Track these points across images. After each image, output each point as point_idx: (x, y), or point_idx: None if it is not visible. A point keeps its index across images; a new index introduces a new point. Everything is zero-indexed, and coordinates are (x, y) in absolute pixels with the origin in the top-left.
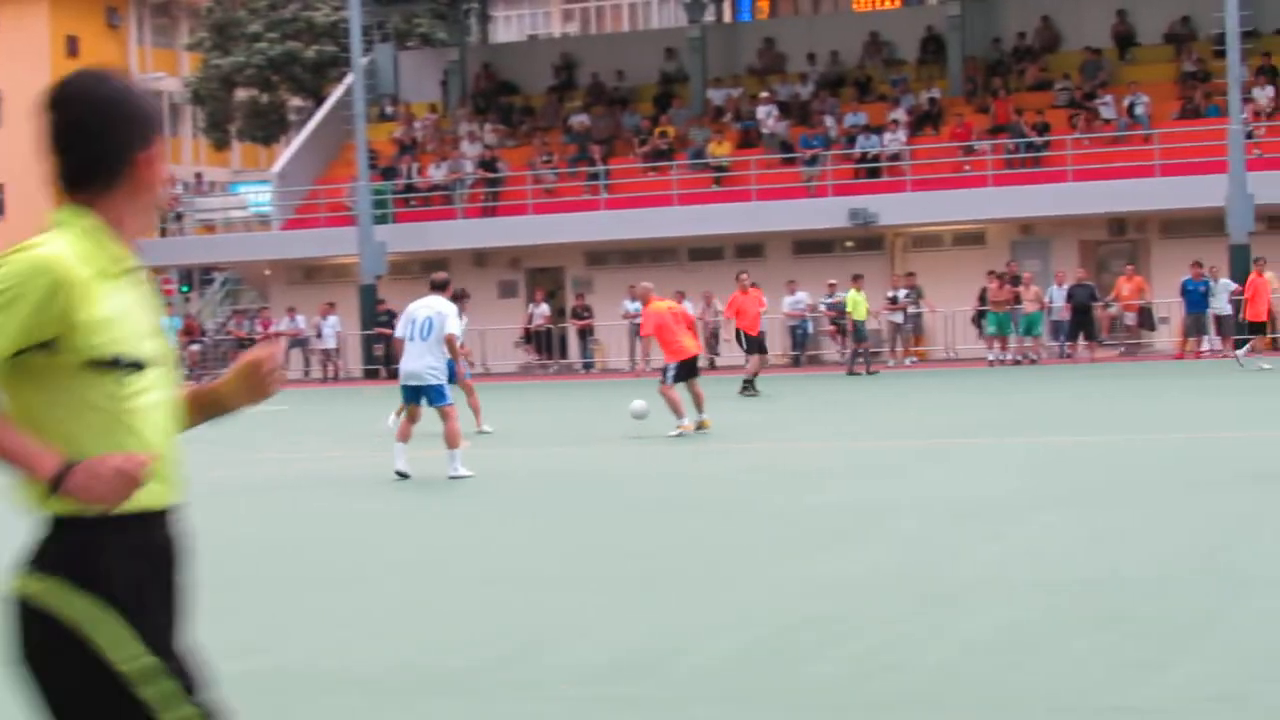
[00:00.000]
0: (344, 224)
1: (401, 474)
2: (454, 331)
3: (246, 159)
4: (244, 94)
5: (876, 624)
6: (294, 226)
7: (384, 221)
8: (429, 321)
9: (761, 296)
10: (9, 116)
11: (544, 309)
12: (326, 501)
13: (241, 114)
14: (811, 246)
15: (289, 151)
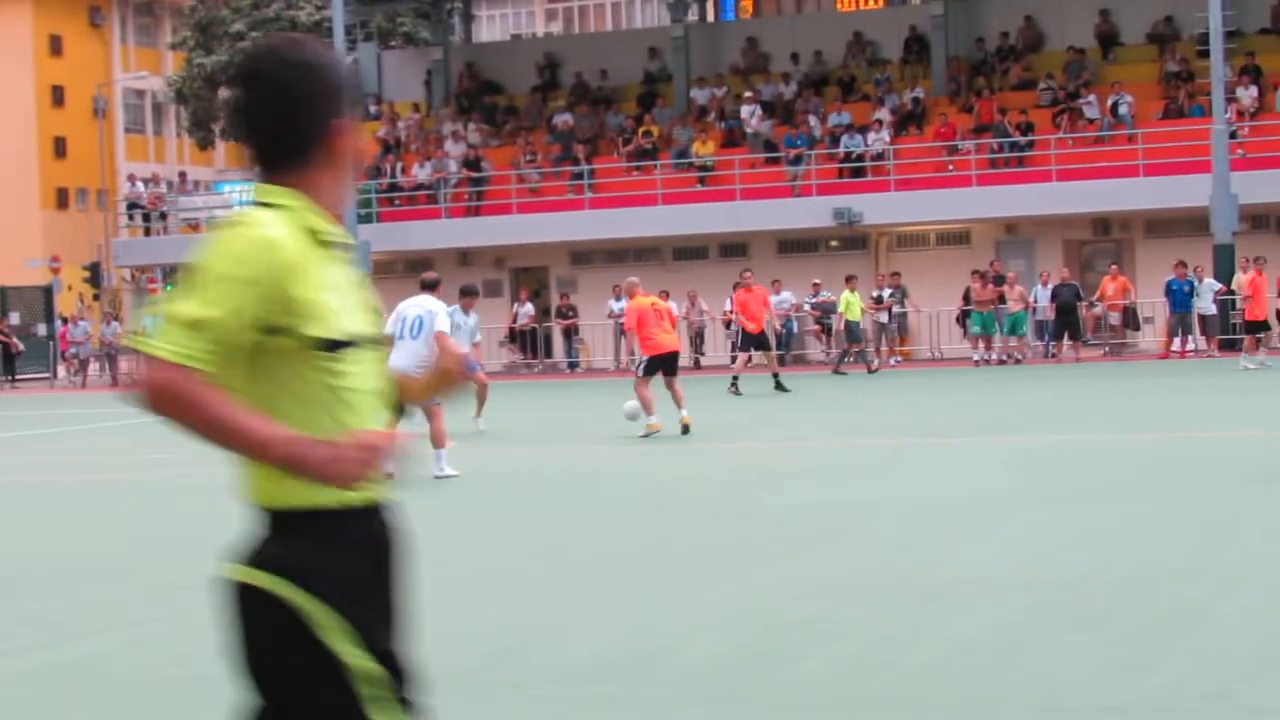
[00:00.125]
0: None
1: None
2: (444, 329)
3: (230, 158)
4: (228, 93)
5: (863, 624)
6: None
7: (368, 221)
8: (419, 320)
9: (766, 295)
10: None
11: (529, 308)
12: None
13: (225, 113)
14: (796, 246)
15: None
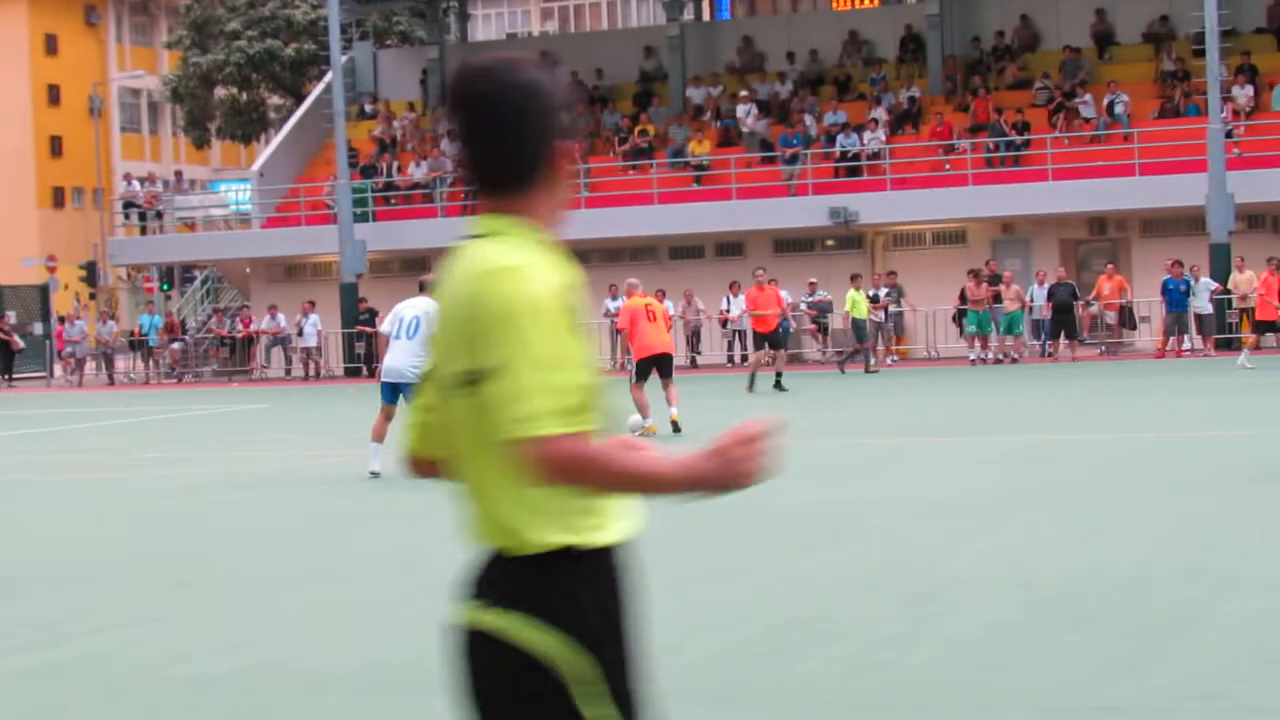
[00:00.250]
0: (324, 222)
1: (375, 474)
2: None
3: (226, 157)
4: (223, 92)
5: (861, 623)
6: (274, 225)
7: (364, 220)
8: (416, 321)
9: (779, 294)
10: None
11: None
12: (305, 499)
13: (221, 112)
14: (792, 245)
15: (269, 150)
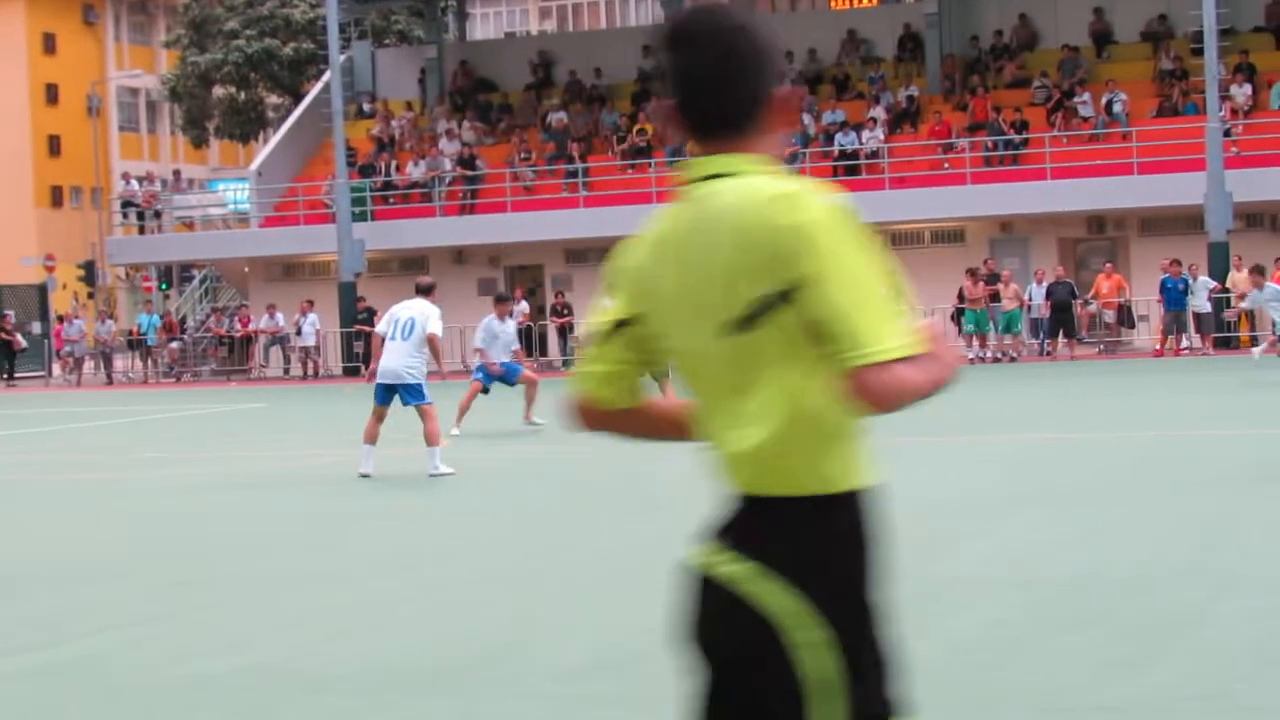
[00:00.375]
0: (322, 221)
1: (365, 475)
2: (435, 331)
3: (225, 156)
4: (222, 91)
5: None
6: (272, 224)
7: (363, 219)
8: (411, 322)
9: None
10: None
11: (523, 306)
12: (305, 499)
13: (219, 111)
14: None
15: (267, 149)
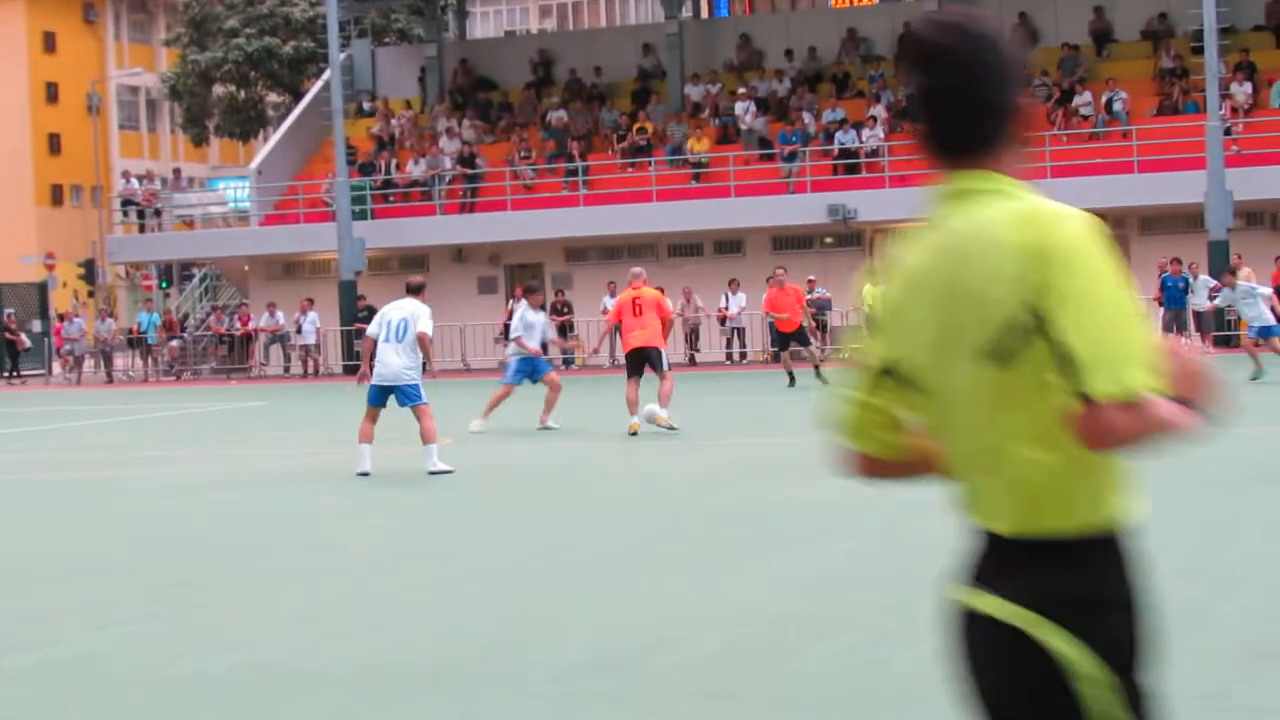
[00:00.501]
0: (323, 220)
1: (364, 474)
2: (425, 330)
3: (225, 155)
4: (222, 90)
5: (858, 620)
6: (273, 222)
7: (363, 217)
8: (404, 323)
9: (801, 293)
10: None
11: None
12: (305, 497)
13: (219, 110)
14: (790, 243)
15: (267, 147)
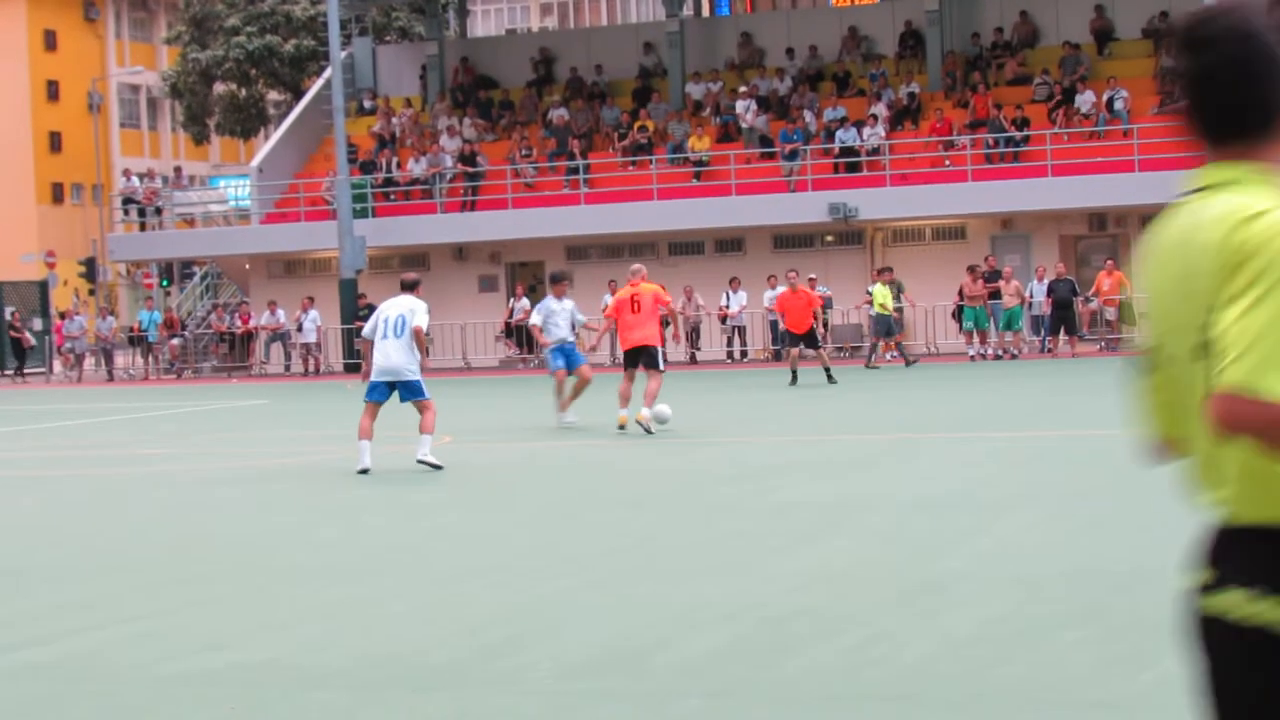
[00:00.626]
0: (323, 218)
1: (365, 471)
2: (422, 325)
3: (226, 153)
4: (222, 88)
5: (858, 618)
6: (273, 220)
7: (363, 216)
8: (401, 319)
9: (813, 295)
10: None
11: (524, 303)
12: (304, 495)
13: (220, 108)
14: (791, 241)
15: (268, 145)
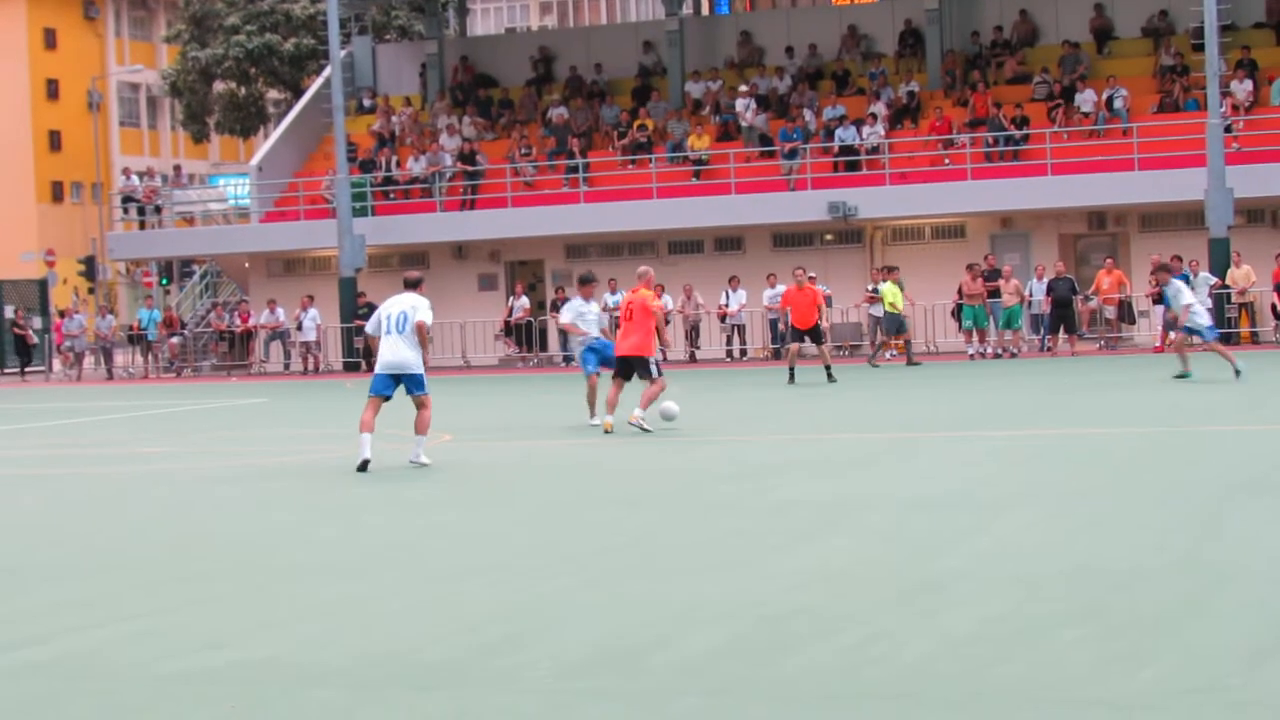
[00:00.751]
0: (323, 216)
1: (366, 462)
2: (425, 320)
3: (225, 151)
4: (222, 86)
5: (858, 617)
6: (273, 219)
7: (363, 214)
8: (404, 315)
9: (819, 293)
10: None
11: (524, 302)
12: (304, 493)
13: (220, 106)
14: (791, 240)
15: (268, 144)
